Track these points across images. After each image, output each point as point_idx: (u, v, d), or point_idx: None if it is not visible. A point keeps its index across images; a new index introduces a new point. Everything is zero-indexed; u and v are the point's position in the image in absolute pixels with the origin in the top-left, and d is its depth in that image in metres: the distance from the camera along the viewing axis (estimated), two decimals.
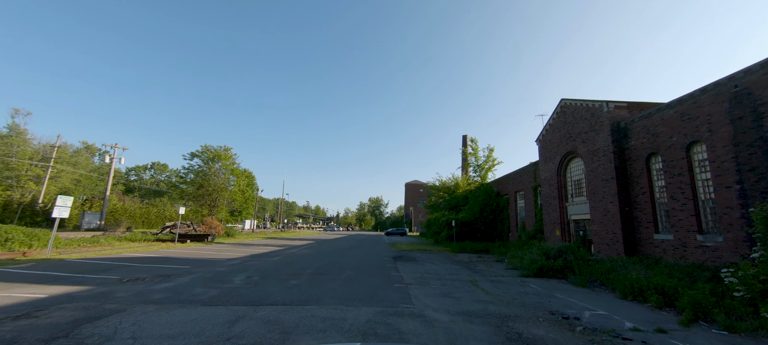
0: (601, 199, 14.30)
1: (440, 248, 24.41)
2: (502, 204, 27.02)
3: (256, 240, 29.53)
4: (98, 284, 8.60)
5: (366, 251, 22.03)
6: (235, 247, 21.81)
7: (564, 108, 17.63)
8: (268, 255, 17.40)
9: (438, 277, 11.39)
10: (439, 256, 19.24)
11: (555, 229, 17.97)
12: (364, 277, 10.83)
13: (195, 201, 31.82)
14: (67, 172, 64.01)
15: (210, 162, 32.13)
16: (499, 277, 11.86)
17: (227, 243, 24.73)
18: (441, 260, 17.20)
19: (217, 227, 29.31)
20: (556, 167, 18.03)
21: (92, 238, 18.34)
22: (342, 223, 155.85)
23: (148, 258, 14.31)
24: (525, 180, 23.41)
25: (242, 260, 14.69)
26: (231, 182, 34.09)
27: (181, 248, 19.14)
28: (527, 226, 22.57)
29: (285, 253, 18.92)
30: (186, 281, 9.28)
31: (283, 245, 25.02)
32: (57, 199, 12.78)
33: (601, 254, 14.02)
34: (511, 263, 14.63)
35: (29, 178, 54.97)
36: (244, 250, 19.89)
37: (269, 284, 9.16)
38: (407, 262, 15.74)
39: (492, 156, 29.16)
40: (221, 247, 20.79)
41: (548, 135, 19.08)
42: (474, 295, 8.34)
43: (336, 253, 19.99)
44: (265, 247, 22.78)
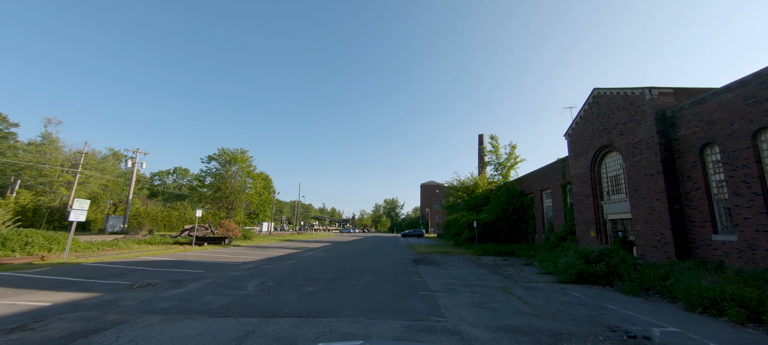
0: (645, 196, 12.90)
1: (462, 250, 23.28)
2: (527, 203, 25.58)
3: (273, 242, 29.31)
4: (107, 290, 8.17)
5: (384, 254, 21.22)
6: (251, 249, 21.50)
7: (597, 98, 16.24)
8: (284, 258, 16.88)
9: (465, 283, 10.42)
10: (461, 259, 18.18)
11: (589, 229, 16.56)
12: (385, 283, 10.01)
13: (213, 204, 32.05)
14: (95, 177, 66.69)
15: (227, 165, 32.35)
16: (533, 283, 10.76)
17: (244, 246, 24.53)
18: (464, 263, 16.16)
19: (234, 230, 29.28)
20: (588, 163, 16.63)
21: (112, 242, 18.41)
22: (358, 225, 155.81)
23: (164, 262, 14.04)
24: (552, 178, 21.97)
25: (258, 264, 14.19)
26: (248, 185, 34.23)
27: (198, 251, 18.95)
28: (556, 226, 21.13)
29: (301, 256, 18.37)
30: (197, 287, 8.74)
31: (300, 248, 24.59)
32: (74, 202, 12.66)
33: (647, 258, 12.62)
34: (544, 267, 13.44)
35: (61, 184, 57.55)
36: (261, 253, 19.50)
37: (284, 291, 8.49)
38: (429, 266, 14.81)
39: (514, 153, 27.77)
40: (238, 250, 20.51)
41: (579, 128, 17.69)
42: (511, 306, 7.35)
43: (353, 256, 19.28)
44: (281, 249, 22.37)
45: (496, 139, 29.07)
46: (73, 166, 62.45)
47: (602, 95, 15.86)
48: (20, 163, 58.82)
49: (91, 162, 68.68)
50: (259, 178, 35.89)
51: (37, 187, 61.42)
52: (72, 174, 60.94)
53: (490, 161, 29.05)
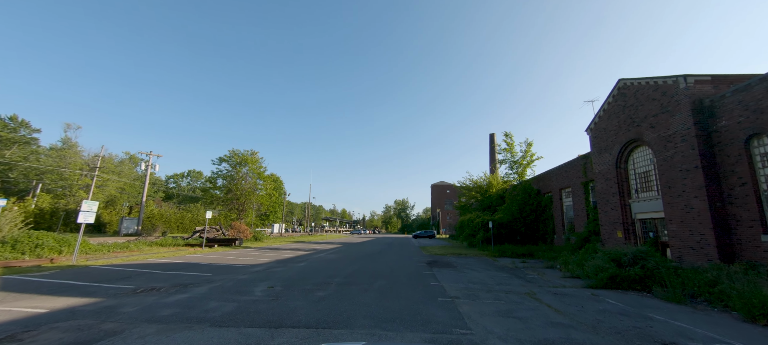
0: (681, 193, 11.88)
1: (476, 252, 22.42)
2: (544, 203, 24.51)
3: (283, 244, 29.05)
4: (109, 295, 7.81)
5: (396, 255, 20.57)
6: (261, 251, 21.19)
7: (623, 89, 15.22)
8: (293, 260, 16.44)
9: (486, 288, 9.68)
10: (478, 262, 17.37)
11: (615, 230, 15.52)
12: (400, 288, 9.37)
13: (224, 205, 32.07)
14: (112, 181, 68.29)
15: (237, 166, 32.36)
16: (560, 288, 9.94)
17: (254, 247, 24.29)
18: (482, 266, 15.37)
19: (245, 231, 29.15)
20: (614, 159, 15.60)
21: (124, 244, 18.37)
22: (368, 226, 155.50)
23: (173, 264, 13.76)
24: (572, 175, 20.90)
25: (267, 267, 13.76)
26: (258, 186, 34.17)
27: (208, 253, 18.71)
28: (577, 227, 20.06)
29: (311, 258, 17.90)
30: (202, 292, 8.30)
31: (310, 249, 24.18)
32: (82, 204, 12.50)
33: (684, 260, 11.59)
34: (569, 270, 12.56)
35: (80, 188, 59.10)
36: (270, 254, 19.13)
37: (292, 297, 7.96)
38: (444, 269, 14.09)
39: (530, 151, 26.69)
40: (247, 252, 20.22)
41: (602, 122, 16.66)
42: (542, 315, 6.61)
43: (365, 257, 18.70)
44: (291, 251, 22.00)
45: (511, 136, 28.05)
46: (91, 170, 64.15)
47: (629, 86, 14.84)
48: (41, 167, 60.71)
49: (109, 166, 70.40)
50: (269, 180, 35.83)
51: (57, 191, 63.29)
52: (90, 177, 62.46)
53: (504, 159, 28.05)
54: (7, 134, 63.01)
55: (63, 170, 61.07)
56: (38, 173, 62.23)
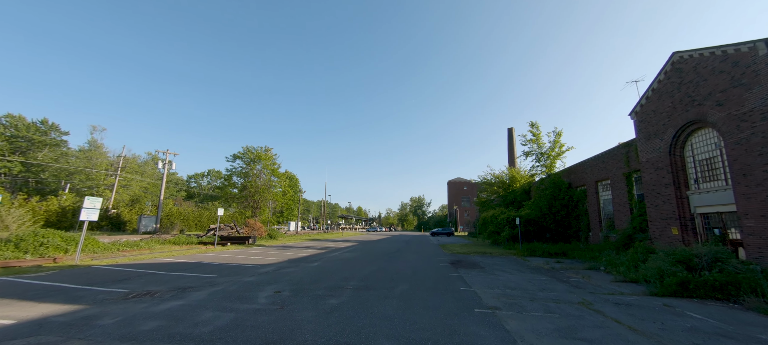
0: (761, 182, 9.90)
1: (502, 251, 20.74)
2: (576, 198, 22.46)
3: (298, 242, 28.27)
4: (96, 302, 6.88)
5: (416, 254, 19.22)
6: (274, 250, 20.35)
7: (678, 64, 13.18)
8: (307, 260, 15.38)
9: (528, 295, 8.19)
10: (507, 262, 15.78)
11: (669, 226, 13.53)
12: (426, 294, 8.03)
13: (239, 203, 31.73)
14: (136, 180, 70.19)
15: (251, 163, 31.90)
16: (617, 295, 8.32)
17: (268, 246, 23.54)
18: (513, 267, 13.79)
19: (259, 229, 28.56)
20: (667, 145, 13.59)
21: (136, 242, 17.93)
22: (384, 224, 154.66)
23: (179, 264, 12.97)
24: (611, 166, 18.83)
25: (278, 267, 12.73)
26: (273, 183, 33.60)
27: (220, 252, 17.99)
28: (617, 223, 18.04)
29: (326, 257, 16.82)
30: (200, 298, 7.26)
31: (325, 247, 23.19)
32: (85, 200, 11.86)
33: (766, 261, 9.64)
34: (622, 274, 10.82)
35: (105, 187, 61.07)
36: (283, 253, 18.20)
37: (301, 305, 6.78)
38: (472, 270, 12.62)
39: (559, 141, 24.57)
40: (260, 251, 19.40)
41: (651, 104, 14.63)
42: (618, 337, 5.10)
43: (383, 257, 17.46)
44: (305, 249, 21.06)
45: (537, 126, 25.96)
46: (115, 170, 66.15)
47: (686, 60, 12.80)
48: (70, 168, 62.97)
49: (132, 166, 72.42)
50: (284, 177, 35.16)
51: (84, 191, 65.60)
52: (114, 177, 64.43)
53: (530, 151, 26.01)
54: (39, 137, 65.71)
55: (90, 171, 63.22)
56: (67, 174, 64.74)
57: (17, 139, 61.93)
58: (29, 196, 42.17)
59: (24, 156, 59.76)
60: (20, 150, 61.45)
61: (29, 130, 64.75)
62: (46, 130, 66.43)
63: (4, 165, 57.45)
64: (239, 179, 32.39)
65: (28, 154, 62.03)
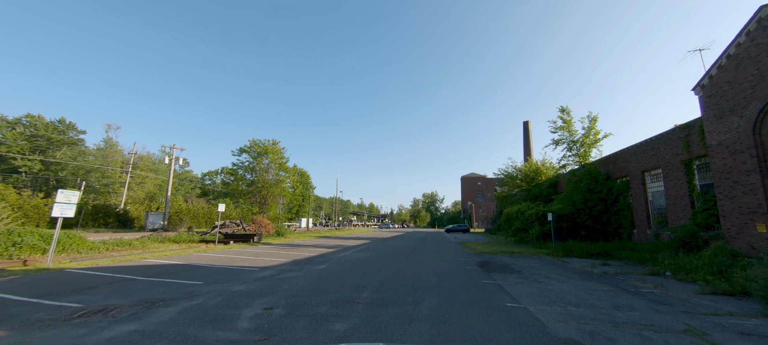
0: None
1: (532, 250, 18.44)
2: (617, 190, 19.84)
3: (307, 240, 26.62)
4: (20, 326, 5.15)
5: (436, 254, 17.19)
6: (279, 249, 18.68)
7: (766, 21, 10.60)
8: (313, 261, 13.57)
9: (602, 315, 6.03)
10: (543, 264, 13.56)
11: (751, 222, 11.00)
12: (463, 312, 6.01)
13: (245, 199, 30.41)
14: (150, 178, 70.55)
15: (258, 157, 30.45)
16: (726, 316, 6.08)
17: (274, 244, 21.92)
18: (555, 271, 11.59)
19: (266, 226, 27.08)
20: (750, 122, 11.03)
21: (130, 241, 16.56)
22: (396, 220, 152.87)
23: (167, 267, 11.35)
24: (664, 153, 16.20)
25: (278, 270, 10.93)
26: (281, 178, 32.03)
27: (219, 251, 16.43)
28: (672, 219, 15.46)
29: (335, 258, 14.98)
30: (163, 319, 5.45)
31: (335, 246, 21.40)
32: (57, 194, 10.34)
33: None
34: (712, 284, 8.48)
35: (120, 185, 61.47)
36: (288, 253, 16.47)
37: (294, 332, 4.87)
38: (509, 275, 10.50)
39: (594, 128, 21.90)
40: (263, 250, 17.76)
41: (726, 74, 12.04)
42: None
43: (399, 256, 15.51)
44: (314, 248, 19.30)
45: (568, 111, 23.32)
46: (132, 168, 66.71)
47: None
48: (86, 166, 63.65)
49: (146, 163, 72.81)
50: (293, 172, 33.51)
51: (99, 188, 66.27)
52: (130, 175, 64.90)
53: (560, 139, 23.38)
54: (57, 136, 66.66)
55: (105, 169, 63.75)
56: (85, 172, 65.59)
57: (37, 139, 62.96)
58: (48, 195, 42.27)
59: (43, 155, 60.71)
60: (40, 149, 62.45)
61: (48, 129, 65.70)
62: (64, 129, 67.33)
63: (25, 164, 58.46)
64: (247, 174, 30.99)
65: (48, 153, 62.98)
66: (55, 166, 62.99)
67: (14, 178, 59.02)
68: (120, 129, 78.58)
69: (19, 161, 58.47)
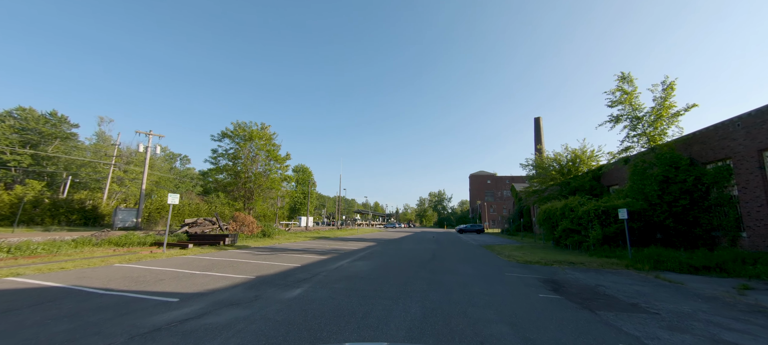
0: None
1: (597, 259, 13.42)
2: (709, 179, 14.69)
3: (299, 242, 21.80)
4: None
5: (468, 264, 12.25)
6: (253, 255, 13.90)
7: None
8: (288, 279, 8.70)
9: None
10: (645, 285, 8.54)
11: None
12: None
13: (225, 192, 25.76)
14: (146, 173, 66.34)
15: (244, 143, 25.69)
16: None
17: (252, 247, 17.12)
18: (684, 302, 6.59)
19: (250, 225, 22.36)
20: None
21: (44, 243, 11.90)
22: (401, 220, 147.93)
23: (28, 292, 6.59)
24: None
25: (210, 304, 6.07)
26: (271, 168, 27.15)
27: (162, 259, 11.70)
28: None
29: (324, 271, 10.11)
30: None
31: (331, 250, 16.58)
32: None
33: None
34: None
35: (113, 181, 57.49)
36: (260, 263, 11.64)
37: None
38: (632, 315, 5.50)
39: (670, 98, 16.75)
40: (228, 258, 12.98)
41: None
42: None
43: (419, 270, 10.59)
44: (301, 255, 14.48)
45: (631, 79, 18.09)
46: (127, 164, 62.79)
47: None
48: (77, 160, 59.90)
49: (141, 158, 68.73)
50: (282, 161, 28.59)
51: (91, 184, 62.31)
52: (122, 170, 60.98)
53: (620, 115, 18.20)
54: (48, 130, 62.99)
55: (97, 163, 59.83)
56: (77, 167, 61.88)
57: (27, 132, 59.48)
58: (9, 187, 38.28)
59: (35, 149, 57.26)
60: (31, 143, 58.91)
61: (39, 122, 62.16)
62: (56, 122, 63.78)
63: (14, 158, 54.95)
64: (230, 163, 26.15)
65: (39, 147, 59.45)
66: (46, 161, 59.47)
67: (1, 172, 55.31)
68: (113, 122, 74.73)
69: (8, 155, 54.85)
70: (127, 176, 60.46)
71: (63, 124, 64.84)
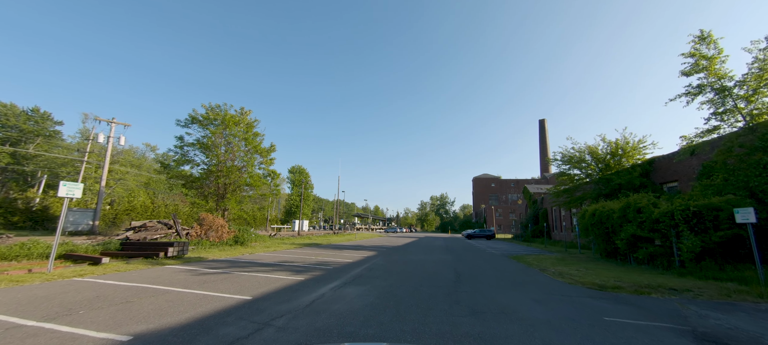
0: None
1: (691, 280, 9.02)
2: None
3: (278, 252, 17.15)
4: None
5: (520, 294, 7.69)
6: (194, 276, 9.41)
7: None
8: (200, 339, 4.23)
9: None
10: None
11: None
12: None
13: (193, 189, 21.23)
14: (131, 174, 61.79)
15: (216, 128, 21.06)
16: None
17: (209, 260, 12.54)
18: None
19: (220, 229, 17.88)
20: None
21: None
22: (402, 224, 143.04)
23: None
24: None
25: None
26: (249, 162, 22.41)
27: (22, 286, 7.26)
28: None
29: (286, 312, 5.66)
30: None
31: (316, 265, 12.15)
32: None
33: None
34: None
35: (95, 180, 53.21)
36: (185, 295, 7.12)
37: None
38: None
39: None
40: (148, 280, 8.50)
41: None
42: None
43: (447, 308, 6.08)
44: (269, 273, 10.02)
45: (713, 39, 13.86)
46: (112, 163, 58.45)
47: None
48: (58, 159, 55.82)
49: (127, 158, 64.20)
50: (266, 152, 23.83)
51: None
52: (109, 168, 56.71)
53: (702, 85, 13.86)
54: (30, 127, 59.02)
55: (78, 161, 55.47)
56: (57, 166, 57.92)
57: (8, 129, 55.52)
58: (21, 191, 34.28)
59: (15, 147, 53.26)
60: (10, 141, 54.77)
61: (20, 119, 58.06)
62: (38, 120, 59.65)
63: None
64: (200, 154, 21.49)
65: (20, 144, 55.23)
66: (25, 160, 55.35)
67: None
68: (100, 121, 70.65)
69: None
70: (111, 177, 56.13)
71: (46, 121, 60.72)
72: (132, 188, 60.50)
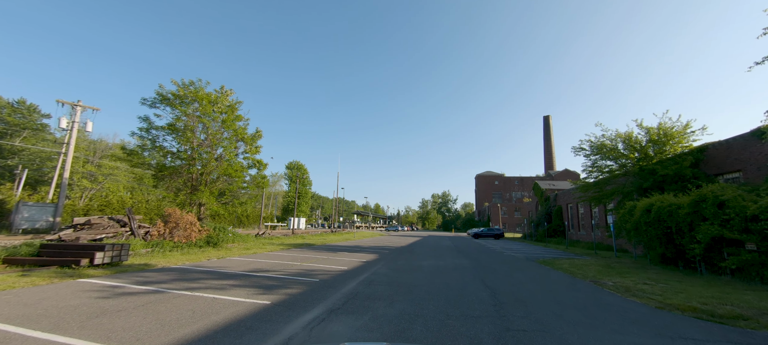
0: None
1: None
2: None
3: (259, 255, 13.92)
4: None
5: (603, 333, 4.57)
6: (126, 293, 6.42)
7: None
8: None
9: None
10: None
11: None
12: None
13: (160, 179, 18.01)
14: (121, 169, 58.71)
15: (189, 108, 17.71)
16: None
17: (154, 269, 9.50)
18: None
19: (190, 228, 14.80)
20: None
21: None
22: (403, 222, 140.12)
23: None
24: None
25: None
26: (228, 149, 18.80)
27: None
28: None
29: None
30: None
31: (299, 275, 9.12)
32: None
33: None
34: None
35: (83, 176, 50.43)
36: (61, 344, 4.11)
37: None
38: None
39: None
40: (61, 302, 5.53)
41: None
42: None
43: None
44: (230, 288, 6.99)
45: None
46: (100, 158, 55.95)
47: None
48: (46, 151, 52.87)
49: (118, 153, 61.29)
50: (251, 140, 20.44)
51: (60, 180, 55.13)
52: (95, 165, 54.20)
53: None
54: (15, 119, 55.88)
55: (40, 149, 52.50)
56: (41, 160, 54.85)
57: None
58: None
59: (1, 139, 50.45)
60: None
61: (4, 111, 54.96)
62: (24, 112, 56.56)
63: None
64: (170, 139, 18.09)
65: (5, 138, 52.23)
66: (11, 154, 52.40)
67: None
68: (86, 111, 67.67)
69: None
70: (99, 172, 53.29)
71: (33, 113, 57.72)
72: (125, 183, 57.47)
